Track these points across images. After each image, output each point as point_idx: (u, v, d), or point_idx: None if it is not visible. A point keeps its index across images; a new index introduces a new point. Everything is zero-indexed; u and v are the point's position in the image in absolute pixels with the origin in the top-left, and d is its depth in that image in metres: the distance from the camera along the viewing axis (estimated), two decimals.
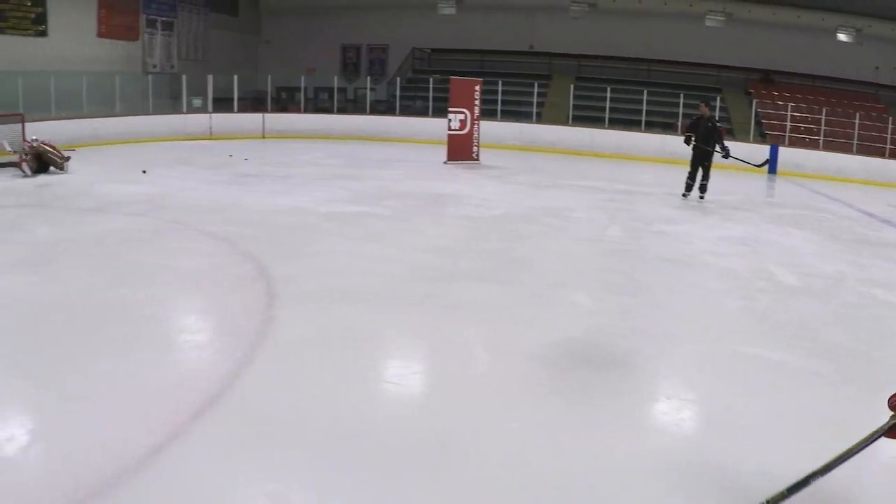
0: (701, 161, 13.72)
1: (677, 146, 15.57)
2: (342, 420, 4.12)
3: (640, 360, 5.24)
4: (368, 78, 31.93)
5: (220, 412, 4.22)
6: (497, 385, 4.75)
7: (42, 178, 14.70)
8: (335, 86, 29.52)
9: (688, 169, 13.97)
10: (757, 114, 24.69)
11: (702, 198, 13.74)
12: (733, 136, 21.38)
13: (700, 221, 11.62)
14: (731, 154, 13.69)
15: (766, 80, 28.03)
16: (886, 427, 2.84)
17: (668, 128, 24.02)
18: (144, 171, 15.40)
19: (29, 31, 23.92)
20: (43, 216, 10.95)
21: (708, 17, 27.89)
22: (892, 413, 2.82)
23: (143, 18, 28.92)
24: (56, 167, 15.48)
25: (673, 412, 4.50)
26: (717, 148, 13.56)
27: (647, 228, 10.53)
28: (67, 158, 15.88)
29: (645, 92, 23.79)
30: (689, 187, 13.89)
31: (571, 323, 6.08)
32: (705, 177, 13.75)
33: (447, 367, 5.08)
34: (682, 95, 24.14)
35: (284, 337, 5.58)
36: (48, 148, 15.63)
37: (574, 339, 5.62)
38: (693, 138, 13.76)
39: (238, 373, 4.78)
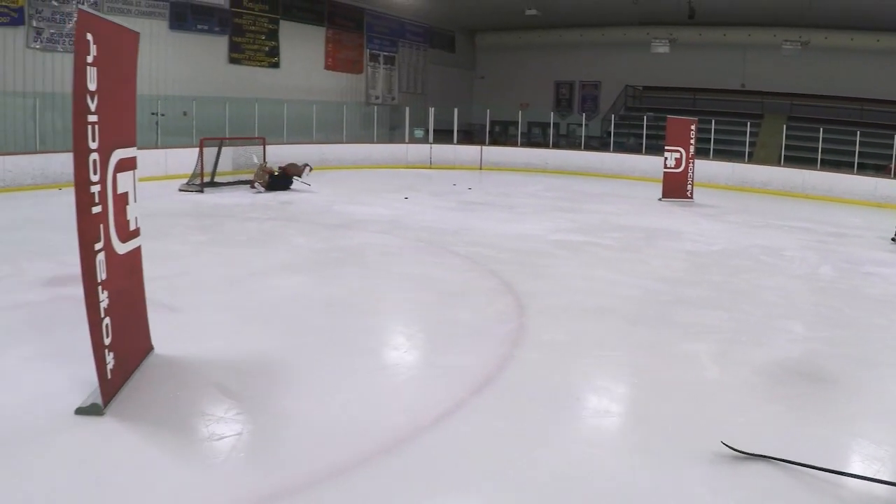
0: None
1: (890, 189, 15.63)
2: (592, 400, 5.40)
3: (848, 379, 6.11)
4: (582, 114, 32.76)
5: (493, 390, 5.58)
6: (726, 390, 5.83)
7: (284, 196, 17.06)
8: (550, 121, 30.62)
9: None
10: None
11: None
12: None
13: None
14: None
15: None
16: None
17: (880, 170, 23.62)
18: (406, 198, 17.40)
19: (264, 63, 26.62)
20: (296, 228, 12.98)
21: None
22: None
23: (366, 53, 31.35)
24: (298, 175, 17.95)
25: (872, 418, 5.41)
26: None
27: (857, 269, 11.02)
28: (307, 166, 18.31)
29: (858, 133, 23.53)
30: None
31: (788, 346, 7.03)
32: None
33: (681, 374, 6.17)
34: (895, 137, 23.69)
35: (539, 339, 6.91)
36: (290, 164, 18.31)
37: (791, 359, 6.58)
38: None
39: (502, 365, 6.13)
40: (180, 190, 17.69)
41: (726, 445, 4.51)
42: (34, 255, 9.78)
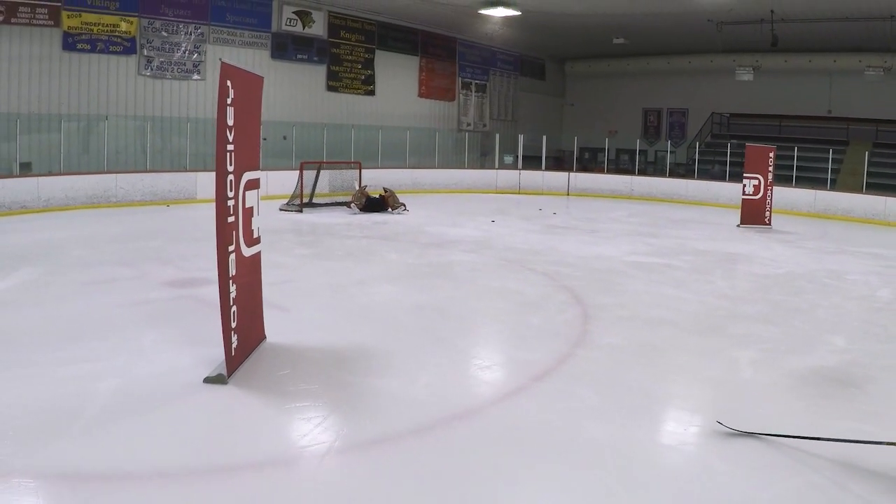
0: None
1: None
2: (635, 388, 6.34)
3: (876, 386, 6.80)
4: (669, 141, 33.30)
5: (551, 379, 6.61)
6: (756, 386, 6.67)
7: (378, 217, 18.44)
8: (637, 148, 31.23)
9: None
10: None
11: None
12: None
13: None
14: None
15: None
16: None
17: None
18: (493, 221, 18.50)
19: (360, 91, 27.99)
20: (390, 246, 14.16)
21: None
22: None
23: (458, 81, 32.56)
24: (392, 207, 19.11)
25: (887, 417, 6.12)
26: None
27: None
28: (403, 205, 19.45)
29: None
30: None
31: (827, 356, 7.77)
32: None
33: (719, 373, 7.02)
34: None
35: (598, 342, 7.90)
36: (390, 192, 19.48)
37: (825, 367, 7.33)
38: None
39: (562, 360, 7.18)
40: (281, 209, 19.07)
41: (721, 424, 5.45)
42: (154, 262, 11.48)
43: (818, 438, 5.11)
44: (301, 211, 19.22)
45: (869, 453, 4.98)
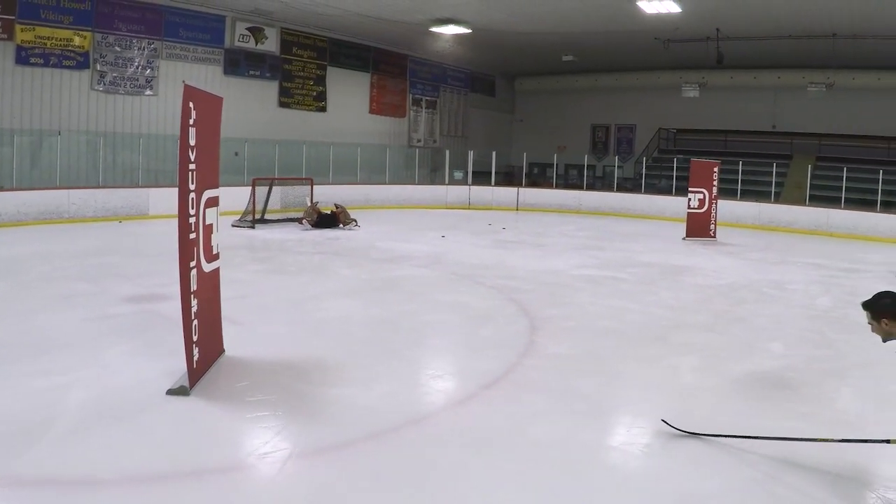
0: None
1: None
2: (580, 394, 6.54)
3: (810, 388, 7.13)
4: (616, 156, 33.77)
5: (499, 386, 6.85)
6: (696, 390, 6.96)
7: (330, 233, 18.63)
8: (585, 163, 31.64)
9: None
10: None
11: None
12: None
13: None
14: None
15: None
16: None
17: None
18: (443, 236, 18.71)
19: (312, 107, 28.09)
20: (343, 262, 14.31)
21: None
22: None
23: (409, 97, 32.76)
24: (344, 223, 19.29)
25: (818, 417, 6.42)
26: None
27: (855, 300, 11.85)
28: (354, 221, 19.62)
29: (881, 171, 24.14)
30: None
31: (764, 361, 8.08)
32: None
33: (660, 379, 7.30)
34: None
35: (544, 352, 8.14)
36: (341, 209, 19.63)
37: (762, 371, 7.65)
38: None
39: (512, 368, 7.42)
40: (233, 225, 19.09)
41: (665, 423, 5.70)
42: (113, 278, 11.49)
43: (756, 437, 5.36)
44: (254, 227, 19.27)
45: (803, 450, 5.25)
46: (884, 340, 4.54)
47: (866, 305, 4.55)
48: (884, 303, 4.46)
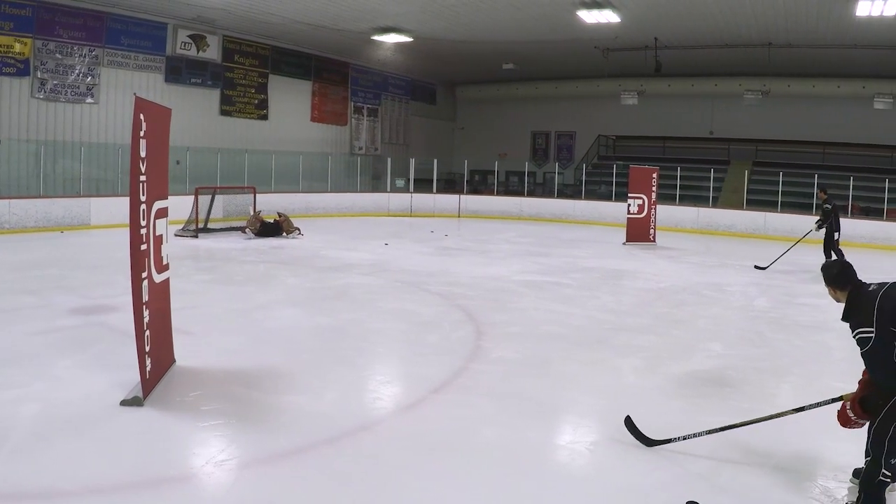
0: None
1: (846, 228, 17.05)
2: (527, 397, 6.70)
3: (749, 386, 7.36)
4: (557, 163, 34.22)
5: (447, 390, 6.97)
6: (638, 390, 7.15)
7: (274, 241, 18.63)
8: (525, 170, 31.94)
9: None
10: None
11: None
12: None
13: None
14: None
15: None
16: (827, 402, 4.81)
17: (840, 210, 24.67)
18: (387, 244, 18.75)
19: (253, 115, 27.97)
20: (288, 271, 14.33)
21: (876, 99, 28.62)
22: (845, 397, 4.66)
23: (350, 105, 32.74)
24: (287, 232, 19.26)
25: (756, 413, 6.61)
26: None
27: (793, 301, 12.27)
28: (297, 229, 19.61)
29: (816, 175, 24.62)
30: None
31: (704, 361, 8.33)
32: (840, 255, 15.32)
33: (604, 380, 7.49)
34: (851, 178, 24.91)
35: (490, 356, 8.29)
36: (285, 217, 19.62)
37: (702, 370, 7.88)
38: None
39: (459, 373, 7.55)
40: (176, 235, 18.89)
41: (629, 419, 5.81)
42: (57, 290, 11.32)
43: (698, 434, 5.49)
44: (197, 236, 19.14)
45: (746, 444, 5.51)
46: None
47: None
48: (830, 273, 4.60)
